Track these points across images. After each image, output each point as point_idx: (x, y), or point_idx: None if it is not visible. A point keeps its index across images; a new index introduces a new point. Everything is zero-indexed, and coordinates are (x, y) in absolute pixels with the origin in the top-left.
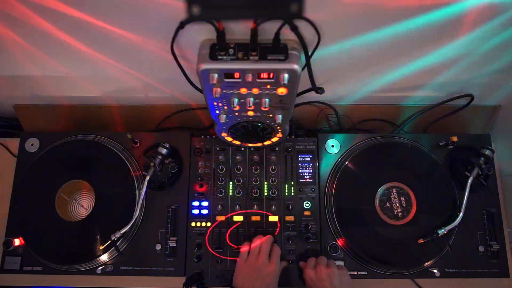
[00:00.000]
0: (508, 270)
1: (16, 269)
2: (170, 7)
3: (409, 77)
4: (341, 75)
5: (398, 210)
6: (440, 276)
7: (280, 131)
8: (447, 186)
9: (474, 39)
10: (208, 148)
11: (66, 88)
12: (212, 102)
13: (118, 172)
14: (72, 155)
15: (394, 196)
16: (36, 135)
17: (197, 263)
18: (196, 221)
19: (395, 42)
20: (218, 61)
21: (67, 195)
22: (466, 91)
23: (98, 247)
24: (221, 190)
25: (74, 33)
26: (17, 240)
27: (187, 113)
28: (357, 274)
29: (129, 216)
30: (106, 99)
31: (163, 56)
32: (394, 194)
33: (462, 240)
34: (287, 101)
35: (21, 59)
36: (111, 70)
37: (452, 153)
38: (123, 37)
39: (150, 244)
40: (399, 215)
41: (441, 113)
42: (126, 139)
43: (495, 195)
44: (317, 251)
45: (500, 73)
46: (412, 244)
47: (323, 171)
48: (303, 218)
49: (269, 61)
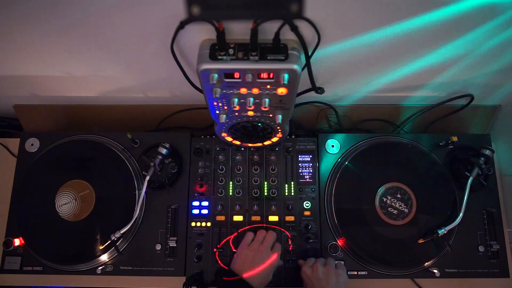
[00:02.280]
0: (508, 270)
1: (16, 269)
2: (170, 7)
3: (409, 77)
4: (341, 75)
5: (398, 210)
6: (440, 276)
7: (280, 131)
8: (447, 186)
9: (474, 39)
10: (208, 148)
11: (66, 88)
12: (212, 102)
13: (118, 172)
14: (72, 155)
15: (394, 196)
16: (36, 135)
17: (197, 263)
18: (196, 221)
19: (395, 42)
20: (218, 61)
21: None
22: (466, 91)
23: (98, 247)
24: (221, 190)
25: (74, 33)
26: (17, 240)
27: (187, 113)
28: (357, 274)
29: (129, 216)
30: (105, 99)
31: (163, 56)
32: (394, 194)
33: (462, 240)
34: (287, 101)
35: (21, 59)
36: (111, 70)
37: (452, 153)
38: (123, 37)
39: (150, 244)
40: (399, 215)
41: (441, 113)
42: (126, 139)
43: (495, 195)
44: (317, 250)
45: (500, 73)
46: (412, 244)
47: (323, 171)
48: (303, 218)
49: (269, 61)
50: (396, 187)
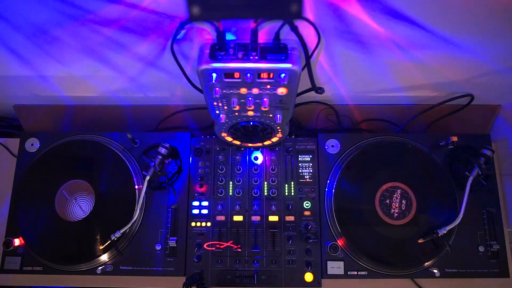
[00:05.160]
0: (508, 270)
1: (16, 269)
2: (170, 7)
3: (409, 77)
4: (341, 75)
5: (398, 210)
6: (440, 276)
7: (280, 131)
8: (447, 186)
9: (474, 39)
10: (208, 148)
11: (66, 88)
12: (212, 102)
13: (118, 172)
14: (72, 155)
15: (394, 196)
16: (36, 135)
17: (197, 263)
18: (196, 221)
19: (395, 42)
20: (218, 61)
21: (67, 195)
22: (466, 91)
23: (98, 247)
24: (221, 190)
25: (74, 33)
26: (17, 240)
27: (187, 113)
28: (357, 274)
29: (129, 216)
30: (105, 99)
31: (163, 56)
32: (394, 194)
33: (462, 240)
34: (287, 101)
35: (21, 59)
36: (111, 70)
37: (452, 153)
38: (123, 37)
39: (150, 244)
40: (399, 215)
41: (441, 113)
42: (126, 139)
43: (495, 195)
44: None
45: (500, 73)
46: (412, 244)
47: (323, 171)
48: (303, 218)
49: (269, 61)
50: (396, 187)
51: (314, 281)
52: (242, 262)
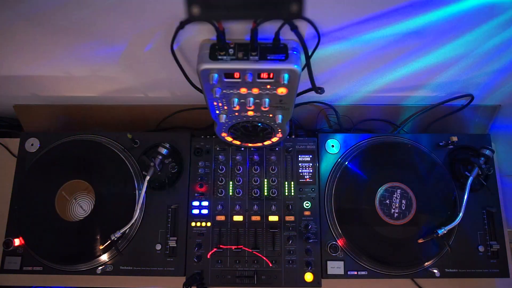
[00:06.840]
0: (508, 270)
1: (16, 269)
2: (170, 7)
3: (409, 77)
4: (341, 75)
5: (398, 210)
6: (440, 276)
7: (280, 131)
8: (447, 186)
9: (474, 39)
10: (208, 148)
11: (66, 88)
12: (212, 102)
13: (118, 172)
14: (72, 155)
15: (394, 196)
16: (36, 135)
17: (197, 263)
18: (196, 221)
19: (395, 42)
20: (218, 61)
21: (67, 195)
22: (466, 91)
23: (98, 247)
24: (221, 190)
25: (74, 33)
26: (17, 240)
27: (187, 113)
28: (357, 274)
29: (129, 216)
30: (105, 99)
31: (163, 56)
32: (394, 194)
33: (462, 240)
34: (287, 101)
35: (21, 59)
36: (111, 70)
37: (452, 153)
38: (123, 37)
39: (150, 244)
40: (399, 215)
41: (441, 113)
42: (126, 139)
43: (495, 195)
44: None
45: (500, 73)
46: (412, 244)
47: (323, 171)
48: (303, 218)
49: (269, 61)
50: (396, 187)
51: (314, 281)
52: (242, 262)
